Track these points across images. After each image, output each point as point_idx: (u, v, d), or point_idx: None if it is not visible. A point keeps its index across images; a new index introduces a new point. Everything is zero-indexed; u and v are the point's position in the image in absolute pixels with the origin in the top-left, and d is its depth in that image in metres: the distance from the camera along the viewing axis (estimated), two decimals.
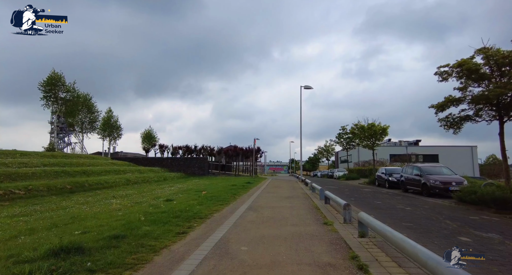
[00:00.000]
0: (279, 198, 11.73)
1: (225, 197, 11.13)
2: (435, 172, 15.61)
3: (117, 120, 38.11)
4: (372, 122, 26.45)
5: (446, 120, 12.40)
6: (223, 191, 13.34)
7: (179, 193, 12.82)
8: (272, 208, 8.82)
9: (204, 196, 11.28)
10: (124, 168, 22.10)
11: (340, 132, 37.78)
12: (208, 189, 14.64)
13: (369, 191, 17.48)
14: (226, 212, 8.01)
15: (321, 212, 8.14)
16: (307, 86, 24.79)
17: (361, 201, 12.10)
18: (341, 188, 19.96)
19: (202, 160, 30.75)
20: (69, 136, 52.18)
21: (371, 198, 13.29)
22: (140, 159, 30.84)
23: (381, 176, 22.45)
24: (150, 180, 19.85)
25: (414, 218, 7.91)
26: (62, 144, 55.84)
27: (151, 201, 10.23)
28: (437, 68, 11.42)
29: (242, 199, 11.21)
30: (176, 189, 15.34)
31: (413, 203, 11.62)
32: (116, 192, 13.41)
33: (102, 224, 5.97)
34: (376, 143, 26.82)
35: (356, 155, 54.22)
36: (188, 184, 19.29)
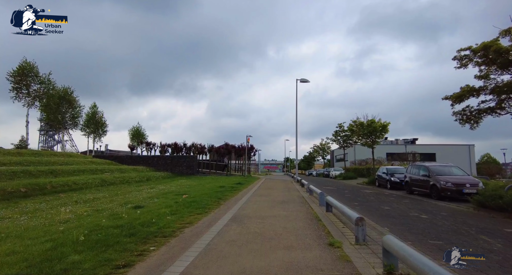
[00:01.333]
0: (272, 203, 10.03)
1: (207, 203, 9.38)
2: (445, 172, 14.08)
3: (102, 116, 35.98)
4: (372, 119, 24.90)
5: (463, 113, 10.82)
6: (207, 195, 11.59)
7: (156, 197, 11.04)
8: (261, 218, 7.11)
9: (182, 201, 9.53)
10: (103, 167, 20.17)
11: (337, 130, 36.26)
12: (191, 192, 12.87)
13: (371, 193, 15.89)
14: (202, 225, 6.27)
15: (323, 224, 6.45)
16: (303, 80, 23.10)
17: (367, 206, 10.46)
18: (340, 189, 18.36)
19: (191, 158, 28.82)
20: (59, 134, 49.77)
21: (376, 202, 11.68)
22: (124, 157, 28.84)
23: (382, 176, 20.93)
24: (130, 181, 18.00)
25: (439, 232, 6.28)
26: (52, 142, 53.39)
27: (116, 208, 8.44)
28: (457, 51, 9.81)
29: (228, 204, 9.47)
30: (156, 191, 13.54)
31: (426, 208, 10.04)
32: (84, 195, 11.57)
33: (16, 250, 4.20)
34: (376, 140, 25.29)
35: (352, 154, 52.84)
36: (172, 185, 17.49)
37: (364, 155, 49.76)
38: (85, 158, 23.62)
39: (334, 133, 36.51)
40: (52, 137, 52.67)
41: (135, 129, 45.33)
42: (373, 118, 24.95)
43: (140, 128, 45.76)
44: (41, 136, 51.84)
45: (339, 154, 63.37)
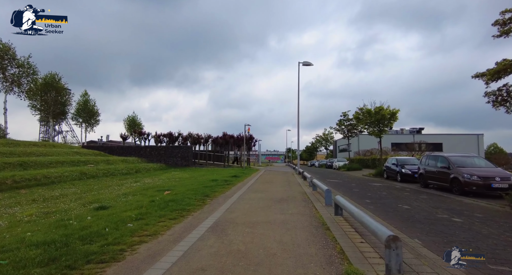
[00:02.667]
0: (268, 202, 8.38)
1: (189, 202, 7.74)
2: (468, 163, 12.34)
3: (95, 105, 34.25)
4: (380, 106, 23.01)
5: (498, 94, 8.98)
6: (193, 190, 9.95)
7: (133, 194, 9.42)
8: (251, 226, 5.45)
9: (160, 200, 7.89)
10: (88, 158, 18.59)
11: (341, 119, 34.37)
12: (177, 187, 11.25)
13: (381, 187, 14.22)
14: (168, 239, 4.61)
15: (334, 236, 4.77)
16: (306, 63, 21.12)
17: (381, 204, 8.78)
18: (345, 182, 16.71)
19: (186, 149, 27.06)
20: (60, 124, 48.60)
21: (390, 199, 10.00)
22: (115, 147, 27.18)
23: (391, 168, 19.24)
24: (116, 173, 16.42)
25: (494, 247, 4.59)
26: (53, 132, 52.16)
27: (75, 210, 6.82)
28: (500, 13, 7.87)
29: (214, 204, 7.82)
30: (138, 186, 11.94)
31: (452, 207, 8.36)
32: (50, 191, 9.97)
33: None
34: (384, 129, 23.46)
35: (356, 144, 51.03)
36: (161, 178, 15.90)
37: (369, 145, 47.99)
38: (71, 149, 22.05)
39: (338, 123, 34.65)
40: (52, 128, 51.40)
41: (131, 118, 43.72)
42: (381, 105, 23.08)
43: (136, 117, 44.17)
44: (42, 127, 50.63)
45: (342, 144, 61.59)
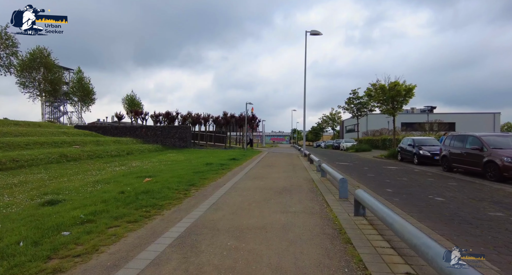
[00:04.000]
0: (266, 193, 6.76)
1: (166, 194, 6.14)
2: (505, 144, 10.48)
3: (90, 83, 32.45)
4: (395, 81, 20.81)
5: None
6: (179, 178, 8.36)
7: (107, 181, 7.88)
8: (238, 236, 3.83)
9: (131, 191, 6.31)
10: (76, 138, 17.12)
11: (351, 97, 32.13)
12: (163, 172, 9.68)
13: (399, 171, 12.50)
14: (101, 264, 3.00)
15: (361, 258, 3.10)
16: (314, 32, 18.75)
17: (407, 195, 7.10)
18: (357, 165, 15.02)
19: (184, 129, 25.33)
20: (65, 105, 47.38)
21: (416, 187, 8.31)
22: (109, 128, 25.61)
23: (407, 149, 17.44)
24: (103, 155, 14.96)
25: None
26: (58, 113, 51.04)
27: (16, 205, 5.30)
28: None
29: (197, 197, 6.23)
30: (121, 170, 10.44)
31: (498, 198, 6.66)
32: (11, 177, 8.49)
33: None
34: (398, 107, 21.38)
35: (364, 124, 48.86)
36: (151, 160, 14.39)
37: (378, 125, 45.86)
38: (59, 129, 20.59)
39: (347, 101, 32.44)
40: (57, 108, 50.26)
41: (129, 98, 41.95)
42: (397, 81, 20.86)
43: (135, 96, 42.38)
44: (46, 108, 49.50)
45: (349, 124, 59.41)
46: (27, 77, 24.97)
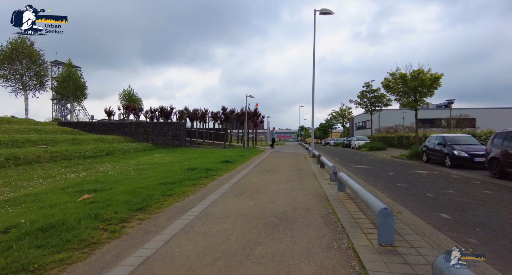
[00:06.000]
0: (252, 230, 4.14)
1: (78, 235, 3.56)
2: None
3: (81, 77, 30.22)
4: (419, 69, 17.86)
5: None
6: (132, 195, 5.78)
7: (25, 200, 5.37)
8: None
9: (27, 226, 3.78)
10: (47, 137, 14.80)
11: (364, 90, 29.12)
12: (122, 183, 7.13)
13: (434, 178, 9.71)
14: None
15: None
16: (324, 10, 15.92)
17: (485, 230, 4.37)
18: (377, 168, 12.23)
19: (177, 125, 22.69)
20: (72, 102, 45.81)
21: (482, 210, 5.54)
22: (96, 124, 23.29)
23: (435, 148, 14.62)
24: (72, 156, 12.56)
25: None
26: (65, 111, 49.43)
27: None
28: None
29: (125, 243, 3.63)
30: (76, 178, 7.97)
31: None
32: None
33: None
34: (422, 99, 18.42)
35: (376, 120, 45.62)
36: (128, 163, 11.91)
37: (391, 121, 42.71)
38: (35, 125, 18.28)
39: (360, 95, 29.42)
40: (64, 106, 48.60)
41: (127, 93, 39.63)
42: (421, 69, 17.90)
43: (132, 91, 40.01)
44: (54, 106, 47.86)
45: (359, 120, 56.15)
46: (8, 69, 22.83)
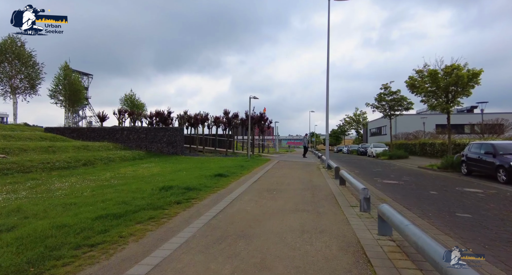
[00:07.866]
0: None
1: None
2: None
3: (79, 80, 28.58)
4: (453, 64, 15.12)
5: None
6: (33, 244, 3.41)
7: None
8: None
9: None
10: (15, 144, 12.74)
11: (382, 93, 26.32)
12: (42, 215, 4.79)
13: (494, 199, 6.97)
14: None
15: None
16: None
17: None
18: (411, 185, 9.40)
19: (173, 131, 20.36)
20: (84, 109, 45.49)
21: None
22: (85, 130, 21.26)
23: (481, 158, 11.87)
24: (37, 168, 10.41)
25: None
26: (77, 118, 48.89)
27: None
28: None
29: None
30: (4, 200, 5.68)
31: None
32: None
33: None
34: (456, 99, 15.59)
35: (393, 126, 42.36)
36: (103, 176, 9.65)
37: (408, 127, 39.49)
38: (11, 130, 16.40)
39: (377, 97, 26.62)
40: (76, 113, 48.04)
41: (128, 98, 37.93)
42: (456, 64, 15.16)
43: (134, 96, 38.24)
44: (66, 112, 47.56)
45: (373, 126, 52.91)
46: None
